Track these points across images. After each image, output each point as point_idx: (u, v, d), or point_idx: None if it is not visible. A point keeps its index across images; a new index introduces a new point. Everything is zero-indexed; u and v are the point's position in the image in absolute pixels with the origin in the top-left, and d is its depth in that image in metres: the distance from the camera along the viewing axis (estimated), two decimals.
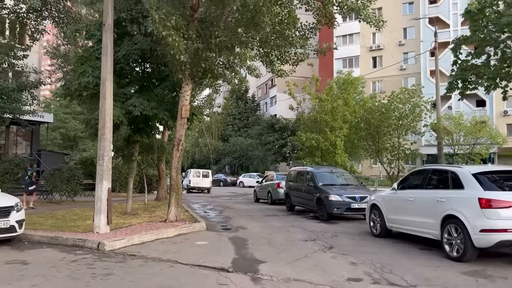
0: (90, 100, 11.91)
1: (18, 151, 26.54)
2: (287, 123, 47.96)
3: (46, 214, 13.36)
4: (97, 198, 9.64)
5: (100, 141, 9.79)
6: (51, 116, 28.13)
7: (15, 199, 9.02)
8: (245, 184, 44.67)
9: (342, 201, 12.89)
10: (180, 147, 11.15)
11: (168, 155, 16.66)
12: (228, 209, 17.32)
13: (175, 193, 11.20)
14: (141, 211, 14.27)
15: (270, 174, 21.25)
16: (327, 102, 20.51)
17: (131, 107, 11.46)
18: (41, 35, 16.87)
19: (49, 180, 17.67)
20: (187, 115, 11.12)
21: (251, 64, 20.80)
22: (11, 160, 15.40)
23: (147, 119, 12.66)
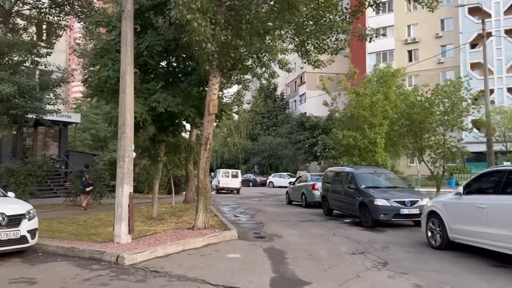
0: (111, 97, 10.98)
1: (46, 152, 26.31)
2: (317, 121, 46.39)
3: (68, 219, 12.59)
4: (118, 204, 8.65)
5: (120, 140, 8.80)
6: (78, 116, 27.82)
7: (27, 205, 8.14)
8: (275, 184, 43.57)
9: (390, 206, 11.46)
10: (208, 147, 10.06)
11: (196, 155, 15.63)
12: (259, 212, 16.15)
13: (203, 197, 10.11)
14: (167, 216, 13.30)
15: (303, 174, 19.95)
16: (365, 96, 18.98)
17: (154, 103, 10.45)
18: (64, 31, 16.22)
19: (74, 182, 17.01)
20: (215, 111, 10.01)
21: (282, 57, 19.64)
22: (34, 161, 14.80)
23: (172, 117, 11.66)
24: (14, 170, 14.28)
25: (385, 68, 21.93)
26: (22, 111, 13.57)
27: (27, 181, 14.30)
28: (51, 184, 23.03)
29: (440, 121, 18.92)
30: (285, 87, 65.67)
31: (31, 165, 14.61)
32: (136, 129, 11.81)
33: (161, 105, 10.44)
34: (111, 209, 15.88)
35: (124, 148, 8.75)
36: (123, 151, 8.75)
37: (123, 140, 8.75)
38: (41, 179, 15.15)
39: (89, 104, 53.84)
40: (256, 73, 18.95)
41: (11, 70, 14.33)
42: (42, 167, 14.85)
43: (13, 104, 13.45)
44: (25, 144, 25.46)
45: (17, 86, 13.22)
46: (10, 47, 13.85)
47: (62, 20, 16.07)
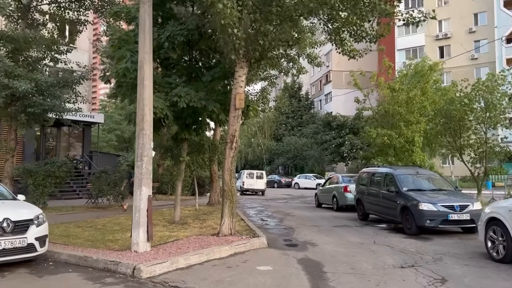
0: (130, 92, 10.17)
1: (70, 153, 26.04)
2: (345, 120, 44.93)
3: (87, 223, 11.89)
4: (135, 208, 7.81)
5: (138, 137, 7.96)
6: (101, 116, 27.47)
7: (36, 210, 7.38)
8: (300, 185, 42.49)
9: (437, 211, 10.23)
10: (234, 145, 9.11)
11: (221, 155, 14.75)
12: (288, 216, 15.11)
13: (229, 201, 9.17)
14: (190, 220, 12.44)
15: (334, 175, 18.80)
16: (401, 91, 17.65)
17: (176, 97, 9.58)
18: (84, 26, 15.62)
19: (94, 184, 16.41)
20: (241, 106, 9.05)
21: (311, 51, 18.57)
22: (53, 162, 14.24)
23: (195, 113, 10.78)
24: (32, 170, 13.74)
25: (420, 62, 20.48)
26: (40, 109, 12.97)
27: (45, 182, 13.72)
28: (74, 185, 22.67)
29: (482, 118, 17.45)
30: (310, 86, 64.35)
31: (50, 166, 14.03)
32: (156, 126, 11.06)
33: (182, 100, 9.57)
34: (131, 211, 15.25)
35: (142, 147, 7.90)
36: (141, 149, 7.90)
37: (141, 138, 7.91)
38: (60, 180, 14.56)
39: (114, 104, 54.08)
40: (283, 68, 17.95)
41: (30, 67, 13.78)
42: (61, 168, 14.25)
43: (31, 102, 12.89)
44: (49, 144, 25.23)
45: (35, 83, 12.64)
46: (28, 42, 13.31)
47: (82, 15, 15.46)
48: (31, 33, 13.34)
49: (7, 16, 13.78)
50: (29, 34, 13.17)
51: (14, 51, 13.48)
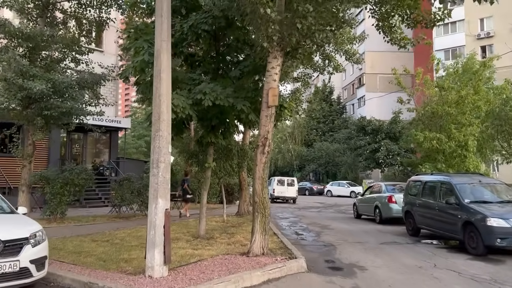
0: (149, 89, 9.01)
1: (96, 159, 25.40)
2: (380, 124, 42.74)
3: (104, 236, 10.80)
4: (150, 224, 6.55)
5: (153, 140, 6.73)
6: (128, 121, 26.76)
7: (35, 226, 6.24)
8: (333, 193, 40.77)
9: (510, 228, 8.50)
10: (266, 149, 7.75)
11: (250, 161, 13.43)
12: (326, 229, 13.56)
13: (261, 215, 7.79)
14: (217, 233, 11.13)
15: (376, 184, 17.09)
16: (450, 90, 15.81)
17: (200, 95, 8.32)
18: (106, 25, 14.72)
19: (117, 192, 15.41)
20: (275, 103, 7.69)
21: (350, 48, 17.04)
22: (71, 169, 13.31)
23: (222, 113, 9.52)
24: (50, 178, 12.83)
25: (468, 59, 18.47)
26: (57, 112, 12.07)
27: (64, 190, 12.78)
28: (99, 193, 21.91)
29: None
30: (341, 90, 62.44)
31: (68, 173, 13.11)
32: (179, 129, 9.89)
33: (207, 97, 8.30)
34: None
35: (158, 151, 6.66)
36: (157, 154, 6.66)
37: (157, 140, 6.67)
38: (80, 188, 13.59)
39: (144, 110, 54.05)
40: (318, 66, 16.49)
41: (47, 68, 12.92)
42: (81, 175, 13.30)
43: (48, 104, 12.00)
44: (75, 150, 24.65)
45: (51, 83, 11.74)
46: (45, 41, 12.49)
47: (104, 13, 14.57)
48: (49, 31, 12.50)
49: (25, 15, 13.02)
50: (46, 32, 12.32)
51: (31, 50, 12.69)
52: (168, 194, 6.72)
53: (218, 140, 10.26)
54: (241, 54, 10.28)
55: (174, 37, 9.16)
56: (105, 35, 24.25)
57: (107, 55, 24.26)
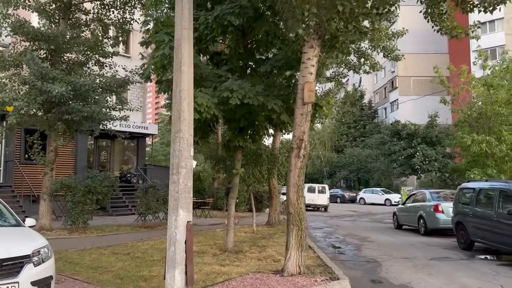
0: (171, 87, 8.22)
1: (124, 166, 25.03)
2: (416, 129, 40.79)
3: (126, 248, 10.04)
4: (170, 239, 5.67)
5: (173, 142, 5.88)
6: (155, 127, 26.30)
7: (40, 242, 5.45)
8: (366, 201, 39.17)
9: None
10: (301, 152, 6.75)
11: (281, 166, 12.46)
12: (366, 242, 12.37)
13: (296, 228, 6.78)
14: (247, 246, 10.18)
15: (419, 192, 15.69)
16: (500, 88, 14.35)
17: (226, 92, 7.45)
18: (130, 25, 14.15)
19: (142, 199, 14.74)
20: (312, 99, 6.70)
21: (388, 43, 15.83)
22: (94, 176, 12.71)
23: (251, 114, 8.61)
24: (71, 186, 12.27)
25: None
26: (78, 117, 11.50)
27: (85, 199, 12.17)
28: (126, 201, 21.42)
29: None
30: (373, 94, 60.59)
31: (91, 180, 12.51)
32: (204, 131, 9.04)
33: (235, 95, 7.42)
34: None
35: (179, 154, 5.79)
36: (177, 158, 5.79)
37: (178, 142, 5.81)
38: (103, 196, 12.96)
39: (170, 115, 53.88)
40: (354, 65, 15.38)
41: (68, 70, 12.41)
42: (104, 183, 12.68)
43: (68, 108, 11.45)
44: (103, 158, 24.36)
45: (72, 86, 11.18)
46: (66, 42, 12.00)
47: (128, 14, 14.01)
48: (70, 31, 12.01)
49: (48, 17, 12.60)
50: (66, 33, 11.82)
51: (52, 53, 12.23)
52: (191, 204, 5.83)
53: (246, 144, 9.35)
54: (271, 50, 9.36)
55: (198, 30, 8.36)
56: (132, 41, 23.99)
57: (134, 61, 23.87)
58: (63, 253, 9.18)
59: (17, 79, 11.27)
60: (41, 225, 12.37)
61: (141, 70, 9.14)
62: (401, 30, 15.26)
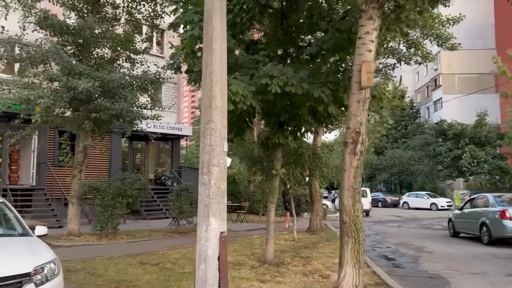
0: None
1: (159, 168, 24.49)
2: (463, 128, 38.20)
3: (156, 257, 9.15)
4: (199, 254, 4.63)
5: (203, 135, 4.84)
6: (189, 128, 25.64)
7: (45, 256, 4.55)
8: (410, 205, 37.13)
9: None
10: (358, 147, 5.56)
11: (325, 167, 11.23)
12: (423, 252, 10.91)
13: (353, 240, 5.58)
14: (288, 257, 9.04)
15: (480, 196, 13.97)
16: None
17: (265, 78, 6.37)
18: (161, 19, 13.37)
19: (174, 203, 13.90)
20: (370, 83, 5.50)
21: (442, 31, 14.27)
22: (124, 178, 11.96)
23: (293, 105, 7.49)
24: (100, 189, 11.57)
25: None
26: (107, 115, 10.78)
27: (115, 202, 11.42)
28: (160, 204, 20.78)
29: None
30: (414, 93, 57.88)
31: (120, 183, 11.76)
32: (239, 128, 7.99)
33: (275, 82, 6.32)
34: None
35: (210, 150, 4.75)
36: (208, 154, 4.75)
37: (208, 136, 4.77)
38: (134, 200, 12.19)
39: None
40: (403, 56, 13.92)
41: (104, 67, 11.73)
42: (134, 185, 11.90)
43: (96, 106, 10.75)
44: (138, 160, 23.91)
45: (100, 82, 10.46)
46: (94, 37, 11.34)
47: (159, 7, 13.25)
48: (98, 24, 11.34)
49: (76, 11, 12.00)
50: (94, 26, 11.16)
51: (80, 47, 11.61)
52: (225, 211, 4.77)
53: (287, 141, 8.21)
54: (315, 34, 8.21)
55: (233, 12, 7.36)
56: (166, 40, 23.46)
57: (167, 60, 23.37)
58: (87, 263, 8.39)
59: (43, 76, 10.67)
60: (69, 231, 11.75)
61: (171, 60, 8.21)
62: (457, 16, 13.67)
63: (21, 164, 17.13)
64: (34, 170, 16.38)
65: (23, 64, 10.87)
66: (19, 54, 11.07)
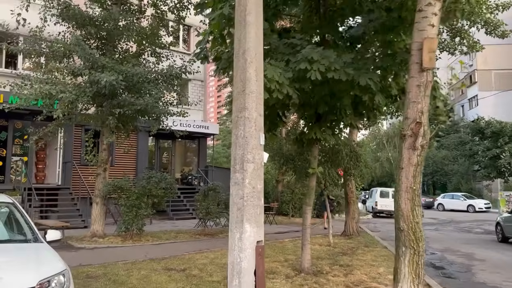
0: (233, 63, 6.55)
1: (185, 167, 24.01)
2: (502, 126, 36.17)
3: (182, 262, 8.50)
4: (232, 266, 3.89)
5: (235, 126, 4.11)
6: (216, 127, 25.03)
7: (53, 265, 3.90)
8: (445, 207, 35.48)
9: None
10: (419, 141, 4.68)
11: (365, 166, 10.32)
12: (474, 260, 9.85)
13: (411, 251, 4.70)
14: (326, 265, 8.20)
15: None
16: None
17: (304, 63, 5.56)
18: (187, 10, 12.74)
19: (201, 203, 13.26)
20: (433, 64, 4.63)
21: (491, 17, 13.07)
22: (149, 177, 11.38)
23: (333, 96, 6.65)
24: (124, 188, 11.03)
25: None
26: (131, 110, 10.22)
27: (140, 202, 10.86)
28: (187, 204, 20.26)
29: None
30: (448, 90, 55.60)
31: (145, 182, 11.19)
32: (272, 122, 7.23)
33: (315, 67, 5.52)
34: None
35: (244, 143, 4.00)
36: (242, 148, 4.01)
37: (242, 126, 4.02)
38: (160, 199, 11.60)
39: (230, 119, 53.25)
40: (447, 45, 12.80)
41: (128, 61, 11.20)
42: (160, 185, 11.31)
43: (120, 101, 10.20)
44: (165, 159, 23.49)
45: (124, 75, 9.90)
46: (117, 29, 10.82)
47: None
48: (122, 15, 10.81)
49: (100, 3, 11.51)
50: (118, 17, 10.62)
51: (103, 40, 11.11)
52: (262, 216, 4.02)
53: (325, 136, 7.37)
54: (358, 16, 7.34)
55: None
56: (192, 37, 22.98)
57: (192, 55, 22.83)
58: (109, 268, 7.80)
59: (66, 70, 10.21)
60: (93, 232, 11.27)
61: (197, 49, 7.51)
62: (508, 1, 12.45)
63: (47, 162, 16.92)
64: (60, 169, 16.11)
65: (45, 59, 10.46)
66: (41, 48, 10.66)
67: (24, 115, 14.35)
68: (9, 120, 15.58)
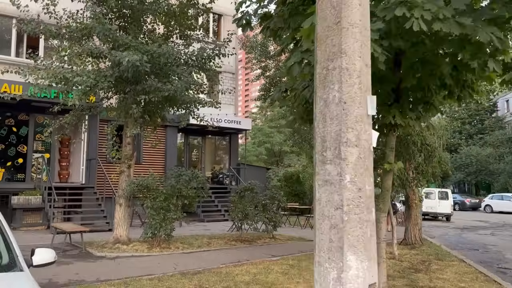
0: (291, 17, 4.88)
1: (216, 165, 22.57)
2: None
3: (219, 279, 6.92)
4: None
5: (322, 85, 2.42)
6: (248, 122, 23.40)
7: None
8: (494, 208, 32.65)
9: None
10: None
11: (443, 164, 8.46)
12: None
13: None
14: (399, 283, 6.41)
15: None
16: None
17: (401, 9, 3.81)
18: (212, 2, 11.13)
19: (237, 205, 11.67)
20: None
21: None
22: (178, 175, 9.83)
23: (425, 63, 4.87)
24: (150, 188, 9.54)
25: None
26: (158, 97, 8.74)
27: (168, 204, 9.35)
28: (218, 204, 18.81)
29: None
30: None
31: (175, 181, 9.67)
32: None
33: (417, 14, 3.76)
34: (289, 249, 10.14)
35: (340, 113, 2.32)
36: (336, 122, 2.33)
37: (337, 82, 2.34)
38: (191, 200, 10.06)
39: (264, 117, 51.72)
40: None
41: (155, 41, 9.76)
42: (191, 184, 9.76)
43: (145, 87, 8.74)
44: (194, 157, 22.11)
45: (149, 56, 8.43)
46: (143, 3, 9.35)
47: None
48: None
49: None
50: None
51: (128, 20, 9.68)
52: (374, 239, 2.34)
53: (408, 121, 5.57)
54: None
55: None
56: (223, 27, 21.49)
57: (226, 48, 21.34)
58: (131, 286, 6.31)
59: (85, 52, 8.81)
60: (116, 237, 9.85)
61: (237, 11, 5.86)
62: None
63: (71, 160, 15.77)
64: (84, 166, 14.89)
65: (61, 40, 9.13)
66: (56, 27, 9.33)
67: (46, 109, 13.18)
68: (30, 114, 14.48)
